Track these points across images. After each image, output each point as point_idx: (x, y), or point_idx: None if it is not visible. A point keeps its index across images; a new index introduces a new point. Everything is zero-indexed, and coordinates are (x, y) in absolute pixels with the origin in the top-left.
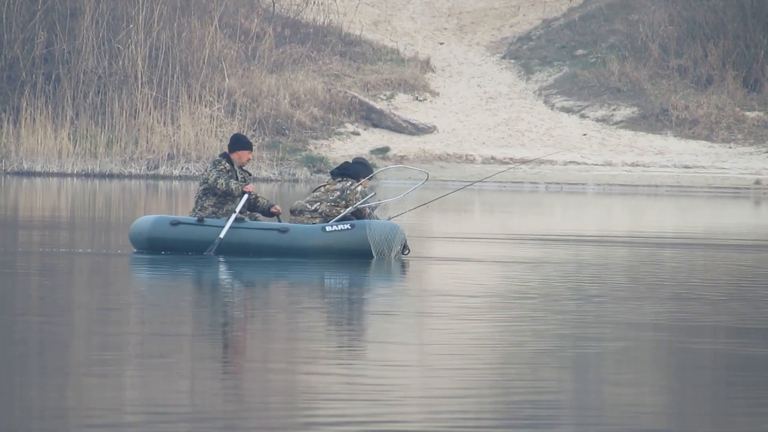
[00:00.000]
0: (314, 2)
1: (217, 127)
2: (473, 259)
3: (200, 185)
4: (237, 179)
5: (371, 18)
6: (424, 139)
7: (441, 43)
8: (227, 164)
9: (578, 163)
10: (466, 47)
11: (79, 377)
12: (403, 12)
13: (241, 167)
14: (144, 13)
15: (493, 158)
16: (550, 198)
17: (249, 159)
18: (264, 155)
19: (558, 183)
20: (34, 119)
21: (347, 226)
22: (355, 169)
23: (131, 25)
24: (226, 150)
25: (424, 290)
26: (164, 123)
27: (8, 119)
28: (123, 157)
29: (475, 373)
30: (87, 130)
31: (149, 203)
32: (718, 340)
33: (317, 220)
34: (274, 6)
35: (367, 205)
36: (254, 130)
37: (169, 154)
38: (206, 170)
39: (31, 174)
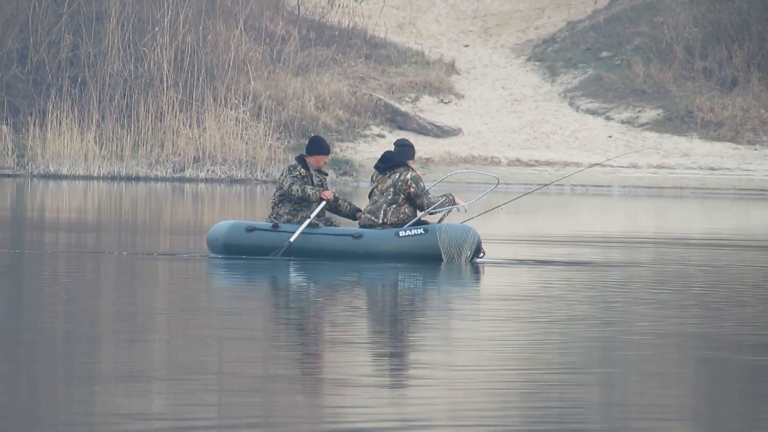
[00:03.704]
0: (339, 5)
1: (242, 130)
2: (524, 261)
3: (275, 191)
4: (313, 184)
5: (396, 20)
6: (449, 142)
7: (466, 46)
8: (302, 169)
9: (603, 165)
10: (490, 50)
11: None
12: (427, 14)
13: (318, 170)
14: (169, 16)
15: (518, 160)
16: (576, 200)
17: (325, 163)
18: (290, 158)
19: (583, 185)
20: (60, 122)
21: (420, 230)
22: (399, 156)
23: (156, 28)
24: (302, 153)
25: (495, 294)
26: (190, 126)
27: (34, 122)
28: (149, 160)
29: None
30: (113, 132)
31: (176, 206)
32: (744, 339)
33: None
34: (299, 9)
35: (439, 209)
36: (279, 133)
37: (194, 156)
38: (281, 176)
39: (57, 177)
